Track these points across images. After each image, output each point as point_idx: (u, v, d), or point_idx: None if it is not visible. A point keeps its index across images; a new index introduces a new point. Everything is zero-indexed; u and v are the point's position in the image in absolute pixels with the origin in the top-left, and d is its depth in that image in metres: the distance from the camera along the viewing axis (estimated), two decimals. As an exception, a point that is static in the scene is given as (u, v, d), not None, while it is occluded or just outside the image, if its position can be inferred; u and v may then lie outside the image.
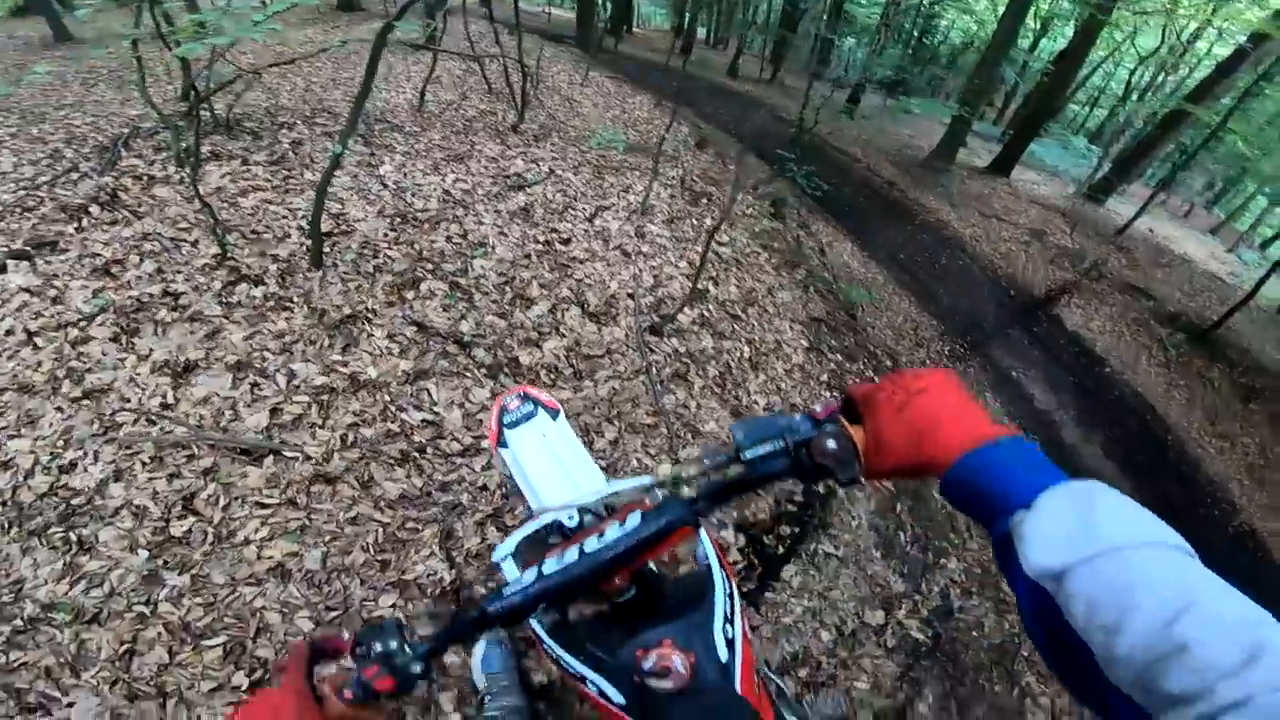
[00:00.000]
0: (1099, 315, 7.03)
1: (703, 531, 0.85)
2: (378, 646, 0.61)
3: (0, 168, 2.96)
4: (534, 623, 0.88)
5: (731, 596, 0.87)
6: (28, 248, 2.38)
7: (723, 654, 0.76)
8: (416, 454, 2.10)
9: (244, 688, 1.44)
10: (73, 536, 1.61)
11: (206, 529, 1.70)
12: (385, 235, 2.90)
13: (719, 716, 0.72)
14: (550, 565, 0.69)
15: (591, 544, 0.70)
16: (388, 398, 2.21)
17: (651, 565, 0.92)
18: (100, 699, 1.36)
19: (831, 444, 0.61)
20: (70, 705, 1.34)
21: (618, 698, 0.76)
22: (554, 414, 1.31)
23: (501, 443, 1.26)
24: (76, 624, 1.47)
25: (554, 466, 1.21)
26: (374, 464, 2.00)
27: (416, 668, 0.61)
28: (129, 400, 1.94)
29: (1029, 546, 0.41)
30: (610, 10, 16.39)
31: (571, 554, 0.70)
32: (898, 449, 0.58)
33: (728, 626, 0.81)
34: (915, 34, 20.65)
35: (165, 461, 1.81)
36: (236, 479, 1.82)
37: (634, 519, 0.70)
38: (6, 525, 1.61)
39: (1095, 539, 0.39)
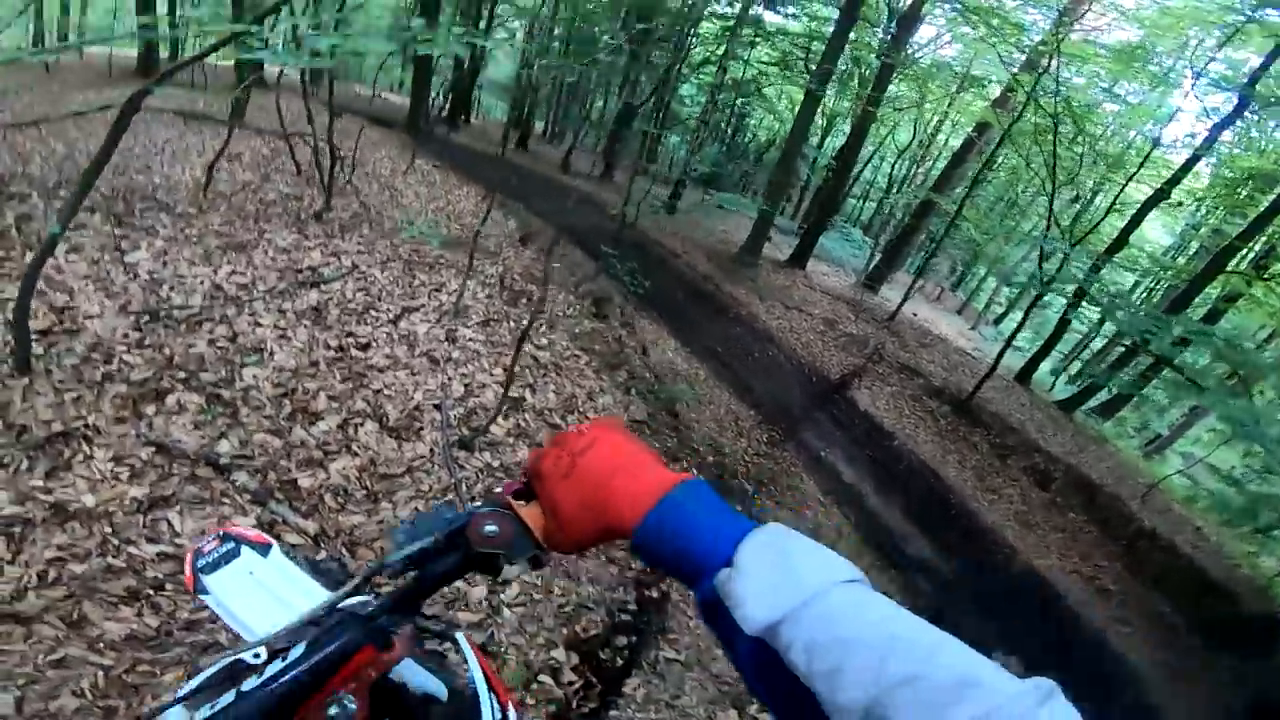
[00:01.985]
0: (882, 394, 8.14)
1: (466, 645, 0.77)
2: None
3: None
4: None
5: None
6: None
7: None
8: (150, 591, 1.85)
9: None
10: None
11: None
12: (125, 336, 2.54)
13: None
14: (202, 713, 0.61)
15: (250, 683, 0.61)
16: (109, 529, 1.95)
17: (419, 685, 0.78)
18: None
19: (490, 528, 0.56)
20: None
21: None
22: (263, 550, 1.10)
23: (200, 589, 1.05)
24: None
25: (268, 600, 1.03)
26: (87, 602, 1.75)
27: None
28: None
29: (746, 606, 0.40)
30: (449, 98, 16.53)
31: (226, 697, 0.61)
32: (576, 521, 0.52)
33: None
34: (730, 131, 23.29)
35: None
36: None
37: (298, 648, 0.62)
38: None
39: (800, 586, 0.39)
